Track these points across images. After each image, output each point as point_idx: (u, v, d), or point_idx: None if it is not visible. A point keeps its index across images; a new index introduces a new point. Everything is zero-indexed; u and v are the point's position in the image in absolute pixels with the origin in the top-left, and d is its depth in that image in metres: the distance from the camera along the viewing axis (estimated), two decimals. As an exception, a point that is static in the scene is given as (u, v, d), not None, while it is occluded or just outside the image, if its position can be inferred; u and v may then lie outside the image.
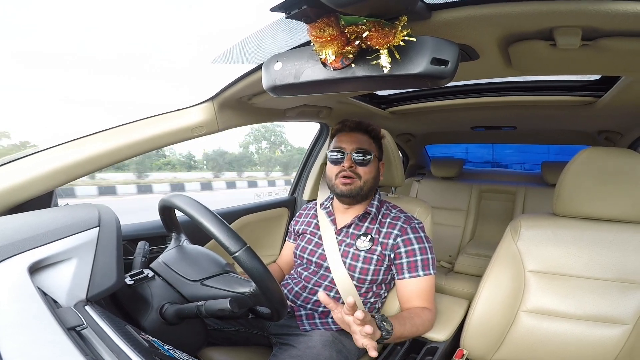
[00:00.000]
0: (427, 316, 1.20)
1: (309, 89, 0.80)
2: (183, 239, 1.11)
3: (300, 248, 1.41)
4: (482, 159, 3.64)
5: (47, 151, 1.02)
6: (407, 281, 1.23)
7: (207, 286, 0.95)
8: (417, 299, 1.22)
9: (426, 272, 1.22)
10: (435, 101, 1.82)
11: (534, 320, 1.19)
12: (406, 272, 1.23)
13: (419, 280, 1.22)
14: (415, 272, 1.22)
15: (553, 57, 0.90)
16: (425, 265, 1.23)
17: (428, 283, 1.23)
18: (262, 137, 21.79)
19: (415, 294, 1.22)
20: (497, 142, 3.05)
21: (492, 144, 3.37)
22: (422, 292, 1.22)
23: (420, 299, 1.22)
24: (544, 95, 1.59)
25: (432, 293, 1.25)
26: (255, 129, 21.89)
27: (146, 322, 0.88)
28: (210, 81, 1.27)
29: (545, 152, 3.22)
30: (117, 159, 1.12)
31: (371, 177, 1.30)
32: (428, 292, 1.23)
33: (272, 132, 22.01)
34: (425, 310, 1.21)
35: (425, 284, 1.22)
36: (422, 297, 1.22)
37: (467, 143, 3.37)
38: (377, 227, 1.30)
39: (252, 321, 1.30)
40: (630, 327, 1.08)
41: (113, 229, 0.79)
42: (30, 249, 0.65)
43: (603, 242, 1.15)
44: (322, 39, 0.66)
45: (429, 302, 1.23)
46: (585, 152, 1.17)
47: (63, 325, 0.55)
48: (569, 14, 0.68)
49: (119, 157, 1.12)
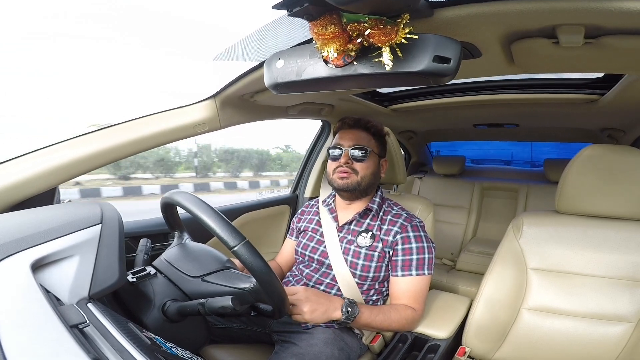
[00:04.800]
0: (406, 314, 1.20)
1: (310, 86, 0.80)
2: (185, 237, 1.11)
3: (302, 245, 1.41)
4: (521, 158, 3.49)
5: (49, 148, 1.02)
6: (398, 279, 1.24)
7: (208, 282, 0.95)
8: (405, 298, 1.23)
9: (419, 272, 1.22)
10: (438, 99, 1.82)
11: (536, 318, 1.19)
12: (399, 270, 1.23)
13: (410, 280, 1.22)
14: (408, 270, 1.22)
15: (556, 55, 0.89)
16: (419, 265, 1.23)
17: (420, 283, 1.23)
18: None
19: (404, 293, 1.23)
20: (500, 140, 3.03)
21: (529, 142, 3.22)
22: (412, 291, 1.23)
23: (408, 299, 1.22)
24: (546, 93, 1.58)
25: (423, 294, 1.25)
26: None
27: (148, 319, 0.88)
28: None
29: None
30: (120, 156, 1.12)
31: (369, 173, 1.30)
32: (418, 292, 1.23)
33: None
34: (408, 308, 1.21)
35: (417, 284, 1.22)
36: (410, 296, 1.22)
37: (470, 140, 3.35)
38: (378, 224, 1.30)
39: (254, 319, 1.30)
40: (633, 324, 1.08)
41: (115, 226, 0.79)
42: (32, 246, 0.65)
43: (606, 239, 1.15)
44: (324, 36, 0.66)
45: (417, 303, 1.23)
46: (588, 149, 1.17)
47: (65, 322, 0.55)
48: (572, 12, 0.68)
49: (122, 154, 1.12)
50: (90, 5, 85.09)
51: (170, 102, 1.68)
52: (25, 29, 44.10)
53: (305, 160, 2.13)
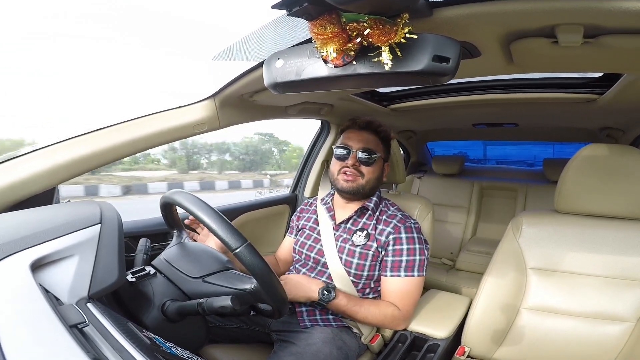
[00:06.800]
0: (388, 310, 1.21)
1: (310, 86, 0.80)
2: (184, 236, 1.11)
3: (300, 243, 1.41)
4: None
5: (48, 148, 1.01)
6: (387, 279, 1.24)
7: (208, 283, 0.95)
8: (392, 298, 1.23)
9: (408, 274, 1.22)
10: (437, 98, 1.82)
11: (535, 317, 1.19)
12: (388, 270, 1.24)
13: (399, 281, 1.22)
14: (397, 272, 1.23)
15: (555, 54, 0.89)
16: (409, 267, 1.22)
17: (408, 285, 1.23)
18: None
19: (392, 293, 1.23)
20: (499, 140, 3.04)
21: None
22: (399, 292, 1.23)
23: (395, 299, 1.23)
24: (545, 92, 1.58)
25: (411, 295, 1.24)
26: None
27: (148, 319, 0.88)
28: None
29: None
30: (119, 156, 1.12)
31: (374, 177, 1.31)
32: (405, 293, 1.23)
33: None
34: (391, 306, 1.22)
35: (405, 285, 1.22)
36: (397, 297, 1.23)
37: (469, 140, 3.35)
38: (374, 224, 1.30)
39: (254, 318, 1.31)
40: (632, 324, 1.08)
41: (115, 226, 0.79)
42: (32, 246, 0.65)
43: (605, 239, 1.15)
44: (323, 36, 0.66)
45: (403, 303, 1.23)
46: (587, 148, 1.17)
47: (65, 322, 0.55)
48: (571, 12, 0.68)
49: (121, 154, 1.12)
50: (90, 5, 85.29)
51: (170, 102, 1.68)
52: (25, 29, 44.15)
53: (305, 160, 2.13)
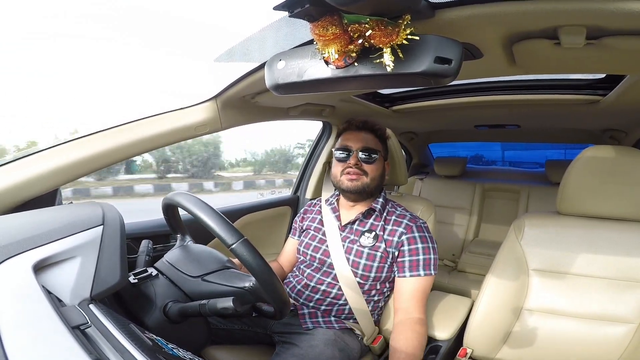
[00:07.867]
0: (421, 339, 1.16)
1: (312, 87, 0.80)
2: (188, 239, 1.11)
3: (304, 244, 1.41)
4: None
5: (51, 149, 1.02)
6: (407, 279, 1.23)
7: (207, 282, 0.96)
8: (412, 299, 1.22)
9: (427, 272, 1.23)
10: (439, 100, 1.82)
11: (537, 318, 1.18)
12: (407, 271, 1.23)
13: (418, 280, 1.22)
14: (416, 271, 1.22)
15: (557, 56, 0.89)
16: (426, 265, 1.23)
17: (426, 283, 1.23)
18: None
19: (412, 293, 1.22)
20: (501, 141, 3.04)
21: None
22: (419, 292, 1.22)
23: (414, 299, 1.22)
24: (548, 94, 1.58)
25: (427, 294, 1.25)
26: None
27: (150, 320, 0.88)
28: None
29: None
30: (121, 157, 1.12)
31: (377, 175, 1.32)
32: (423, 292, 1.23)
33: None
34: (416, 329, 1.17)
35: (424, 284, 1.23)
36: (417, 297, 1.22)
37: (471, 141, 3.34)
38: (382, 224, 1.30)
39: (256, 320, 1.30)
40: (635, 325, 1.08)
41: (117, 228, 0.79)
42: (34, 247, 0.65)
43: (607, 240, 1.15)
44: (325, 37, 0.66)
45: (422, 305, 1.22)
46: (589, 150, 1.17)
47: (67, 323, 0.55)
48: (574, 13, 0.68)
49: (123, 156, 1.12)
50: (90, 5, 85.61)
51: (170, 102, 1.69)
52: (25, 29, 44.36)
53: (307, 161, 2.13)
